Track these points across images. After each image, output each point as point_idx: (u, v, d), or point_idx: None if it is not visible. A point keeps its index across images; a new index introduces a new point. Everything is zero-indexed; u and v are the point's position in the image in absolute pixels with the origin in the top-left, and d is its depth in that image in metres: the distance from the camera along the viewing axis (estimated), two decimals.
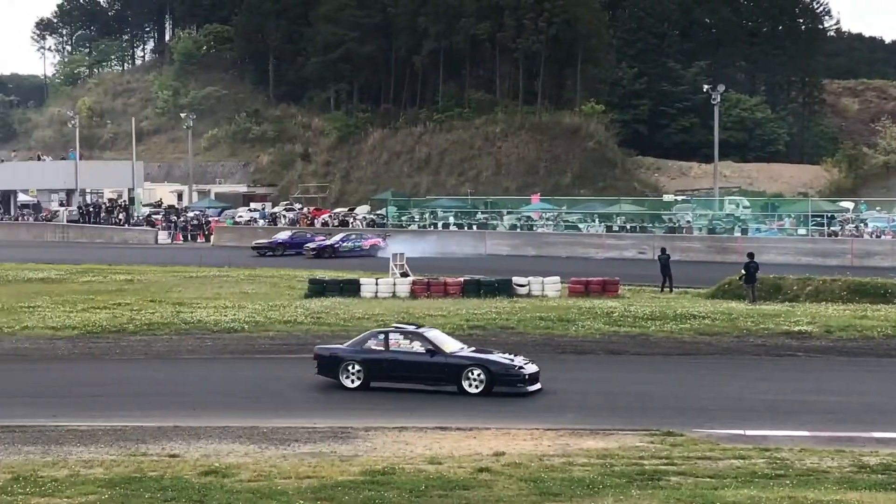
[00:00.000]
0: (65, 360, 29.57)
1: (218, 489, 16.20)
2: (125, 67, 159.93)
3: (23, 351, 30.60)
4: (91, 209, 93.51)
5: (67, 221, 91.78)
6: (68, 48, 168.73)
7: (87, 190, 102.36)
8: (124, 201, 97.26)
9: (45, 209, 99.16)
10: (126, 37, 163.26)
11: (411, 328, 26.12)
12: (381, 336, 25.68)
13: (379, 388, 24.93)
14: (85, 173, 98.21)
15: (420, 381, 24.73)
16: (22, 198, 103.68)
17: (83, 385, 26.38)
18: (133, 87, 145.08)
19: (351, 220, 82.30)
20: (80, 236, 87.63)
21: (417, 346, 25.04)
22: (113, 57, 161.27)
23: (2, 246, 78.96)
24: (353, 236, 68.46)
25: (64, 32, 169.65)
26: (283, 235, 71.10)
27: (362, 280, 41.14)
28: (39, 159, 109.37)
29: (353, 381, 25.08)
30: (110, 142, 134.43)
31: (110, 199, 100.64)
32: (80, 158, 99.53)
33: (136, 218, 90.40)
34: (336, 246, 65.57)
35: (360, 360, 25.17)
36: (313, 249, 65.34)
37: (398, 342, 25.27)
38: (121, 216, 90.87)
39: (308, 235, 70.58)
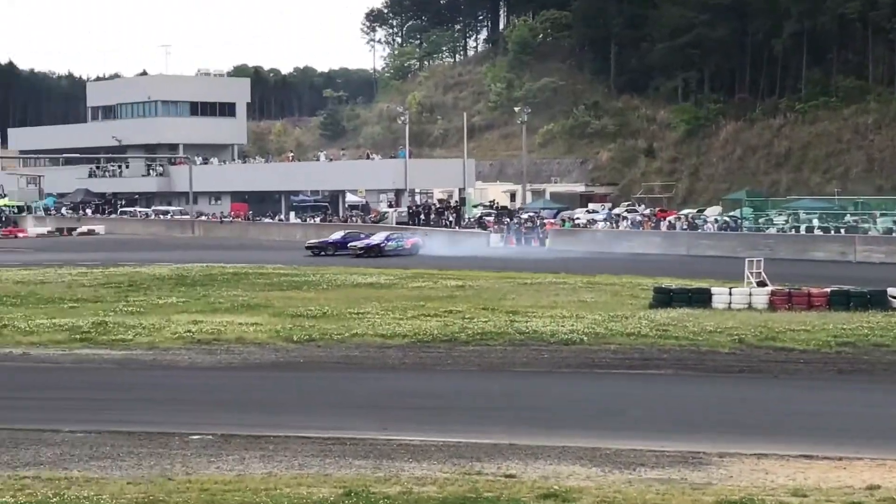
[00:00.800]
0: (395, 370, 30.44)
1: None
2: (456, 59, 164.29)
3: (353, 359, 31.75)
4: (420, 210, 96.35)
5: (396, 223, 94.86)
6: (398, 40, 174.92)
7: (417, 190, 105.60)
8: (455, 202, 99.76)
9: (373, 210, 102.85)
10: (458, 26, 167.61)
11: None
12: None
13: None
14: (414, 172, 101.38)
15: None
16: (350, 198, 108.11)
17: (414, 396, 27.11)
18: (464, 80, 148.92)
19: (700, 222, 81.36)
20: None
21: None
22: (444, 48, 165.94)
23: None
24: (396, 236, 76.34)
25: (394, 24, 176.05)
26: (337, 235, 78.19)
27: (714, 290, 40.76)
28: (368, 158, 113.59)
29: None
30: (440, 139, 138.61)
31: (440, 200, 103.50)
32: (409, 156, 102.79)
33: (466, 219, 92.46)
34: (382, 245, 72.89)
35: None
36: (360, 248, 72.61)
37: None
38: (451, 218, 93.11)
39: (361, 235, 76.47)
